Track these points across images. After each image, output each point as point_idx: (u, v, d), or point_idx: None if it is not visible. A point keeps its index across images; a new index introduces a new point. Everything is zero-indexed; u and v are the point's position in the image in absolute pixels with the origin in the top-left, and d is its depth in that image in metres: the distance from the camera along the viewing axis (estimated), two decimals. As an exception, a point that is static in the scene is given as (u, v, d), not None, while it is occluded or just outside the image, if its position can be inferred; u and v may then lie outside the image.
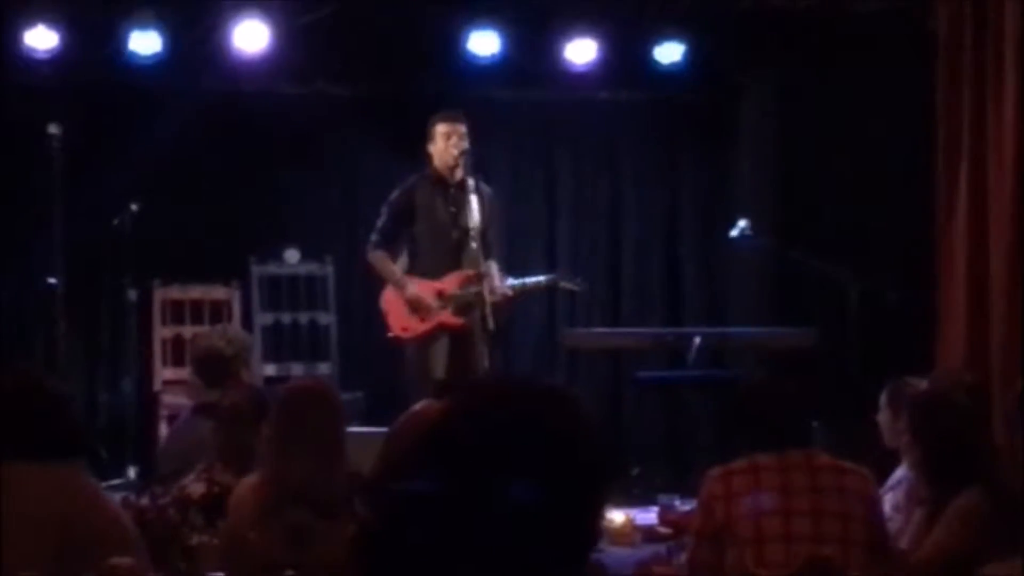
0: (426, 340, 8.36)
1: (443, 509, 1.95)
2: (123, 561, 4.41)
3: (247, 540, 4.62)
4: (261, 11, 9.38)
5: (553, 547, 1.97)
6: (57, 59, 9.32)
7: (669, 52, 9.95)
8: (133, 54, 9.37)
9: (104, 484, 6.57)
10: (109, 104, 9.77)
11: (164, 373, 9.60)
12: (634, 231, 10.82)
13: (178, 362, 9.45)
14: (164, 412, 9.07)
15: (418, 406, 4.70)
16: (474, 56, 9.76)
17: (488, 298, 8.07)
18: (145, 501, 5.43)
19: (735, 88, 10.60)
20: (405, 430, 4.33)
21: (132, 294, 9.30)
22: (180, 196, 9.92)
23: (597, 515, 2.07)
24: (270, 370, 9.71)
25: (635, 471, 9.18)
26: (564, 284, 9.05)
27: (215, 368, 6.41)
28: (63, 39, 9.26)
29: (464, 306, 8.30)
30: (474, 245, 8.18)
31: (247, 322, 9.66)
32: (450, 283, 8.33)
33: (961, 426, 5.12)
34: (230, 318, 9.59)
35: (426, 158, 8.46)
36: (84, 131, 9.23)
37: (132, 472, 8.81)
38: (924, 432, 5.19)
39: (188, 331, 9.51)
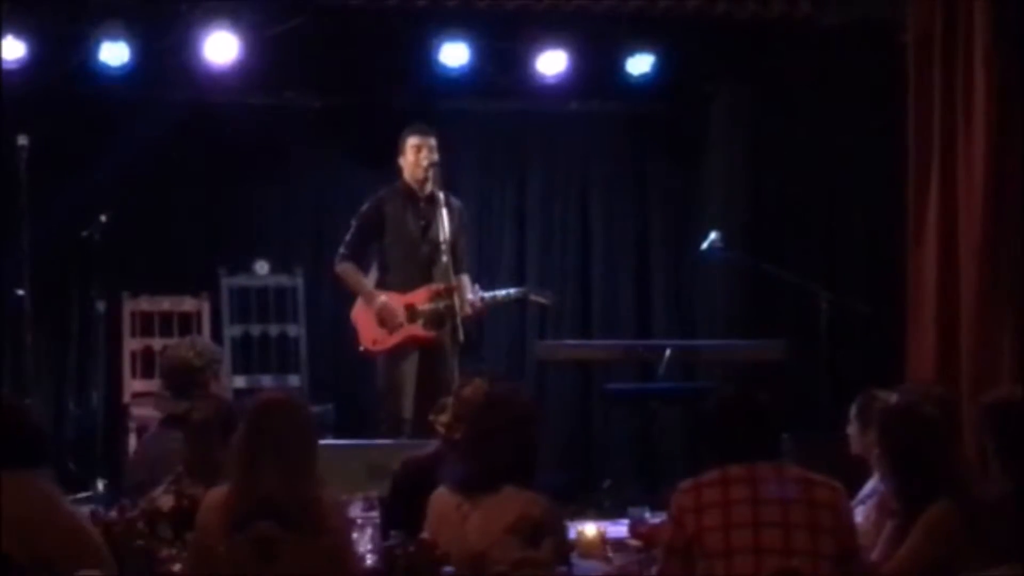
0: (396, 353, 8.37)
1: None
2: (91, 574, 4.39)
3: (214, 553, 4.59)
4: (230, 22, 9.35)
5: None
6: (25, 69, 9.25)
7: (639, 63, 9.96)
8: (102, 65, 9.33)
9: (72, 497, 6.55)
10: (78, 115, 9.71)
11: (133, 385, 9.55)
12: (605, 242, 10.80)
13: (147, 374, 9.43)
14: (133, 424, 9.02)
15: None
16: (444, 67, 9.73)
17: (459, 311, 8.07)
18: (114, 514, 5.40)
19: (706, 100, 10.61)
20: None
21: (101, 306, 9.24)
22: (149, 207, 9.91)
23: None
24: (239, 382, 9.66)
25: (605, 483, 9.17)
26: (534, 297, 9.07)
27: (184, 380, 6.41)
28: (31, 49, 9.21)
29: (435, 319, 8.29)
30: (444, 259, 8.17)
31: (216, 334, 9.61)
32: (420, 296, 8.33)
33: (931, 438, 5.13)
34: (199, 330, 9.54)
35: (396, 171, 8.46)
36: (52, 142, 9.16)
37: (101, 485, 8.74)
38: (894, 445, 5.20)
39: (157, 343, 9.46)
